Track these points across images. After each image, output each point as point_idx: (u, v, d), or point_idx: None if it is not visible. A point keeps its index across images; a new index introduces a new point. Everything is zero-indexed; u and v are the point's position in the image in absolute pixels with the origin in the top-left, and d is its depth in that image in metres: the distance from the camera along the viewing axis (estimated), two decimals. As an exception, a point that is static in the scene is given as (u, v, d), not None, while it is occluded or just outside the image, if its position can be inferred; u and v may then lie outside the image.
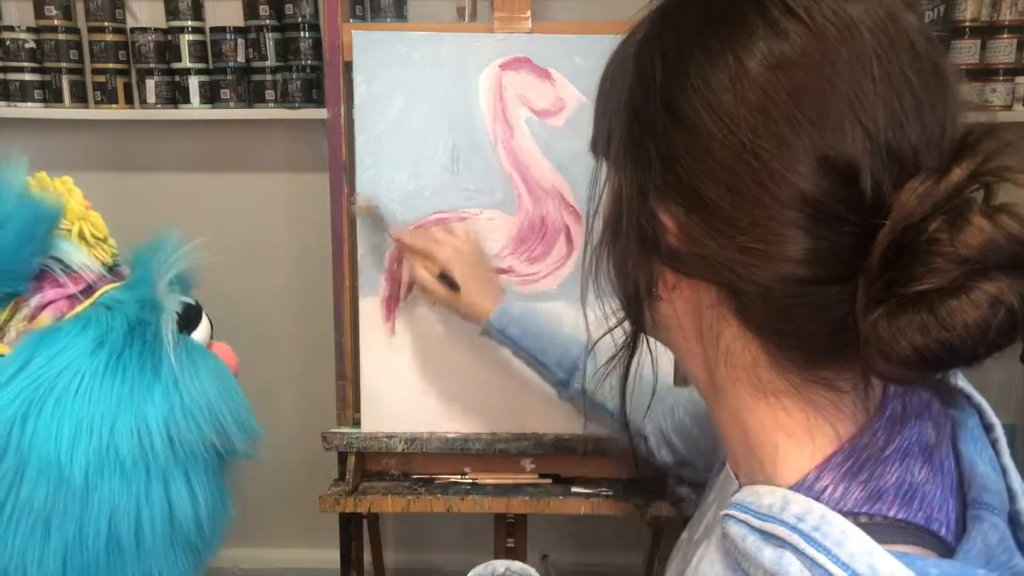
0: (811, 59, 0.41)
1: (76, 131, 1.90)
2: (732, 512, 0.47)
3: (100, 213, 0.69)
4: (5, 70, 1.85)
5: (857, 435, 0.46)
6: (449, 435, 1.35)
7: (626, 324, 0.55)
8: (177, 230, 0.70)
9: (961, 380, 0.51)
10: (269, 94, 1.85)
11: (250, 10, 1.83)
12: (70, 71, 1.85)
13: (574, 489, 1.37)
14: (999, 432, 0.51)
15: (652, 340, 0.56)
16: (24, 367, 0.58)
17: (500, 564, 0.81)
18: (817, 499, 0.44)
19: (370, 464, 1.41)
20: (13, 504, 0.57)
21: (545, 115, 1.29)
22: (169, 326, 0.64)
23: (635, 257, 0.49)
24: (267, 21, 1.82)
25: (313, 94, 1.84)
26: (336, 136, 1.31)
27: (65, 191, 0.67)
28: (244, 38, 1.84)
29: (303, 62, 1.82)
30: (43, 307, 0.62)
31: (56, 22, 1.83)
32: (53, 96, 1.86)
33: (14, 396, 0.57)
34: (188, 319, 0.69)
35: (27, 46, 1.84)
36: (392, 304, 1.33)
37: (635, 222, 0.47)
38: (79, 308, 0.62)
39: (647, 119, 0.46)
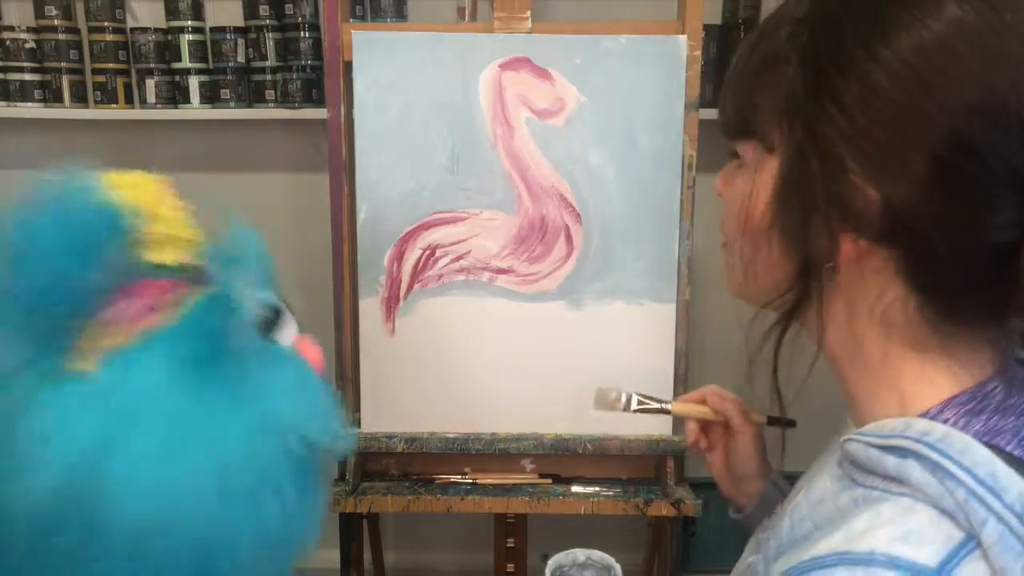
0: (1000, 31, 0.44)
1: (76, 131, 1.90)
2: (852, 436, 0.50)
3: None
4: (5, 70, 1.85)
5: (980, 385, 0.49)
6: (449, 435, 1.35)
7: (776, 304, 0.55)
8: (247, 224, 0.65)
9: None
10: (269, 94, 1.85)
11: (250, 10, 1.82)
12: (70, 71, 1.85)
13: (574, 489, 1.37)
14: None
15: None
16: (99, 396, 0.54)
17: (581, 553, 0.81)
18: None
19: (370, 464, 1.41)
20: (98, 534, 0.54)
21: (545, 115, 1.29)
22: (250, 335, 0.60)
23: (817, 227, 0.49)
24: (267, 21, 1.82)
25: (313, 94, 1.83)
26: (336, 136, 1.31)
27: (150, 192, 0.62)
28: (244, 38, 1.84)
29: (303, 62, 1.82)
30: (120, 322, 0.57)
31: (56, 22, 1.83)
32: (53, 96, 1.85)
33: (90, 428, 0.54)
34: (271, 322, 0.65)
35: (27, 46, 1.84)
36: (392, 304, 1.33)
37: (824, 192, 0.48)
38: (157, 322, 0.58)
39: (837, 94, 0.47)
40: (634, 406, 0.79)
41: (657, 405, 0.81)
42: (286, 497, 0.61)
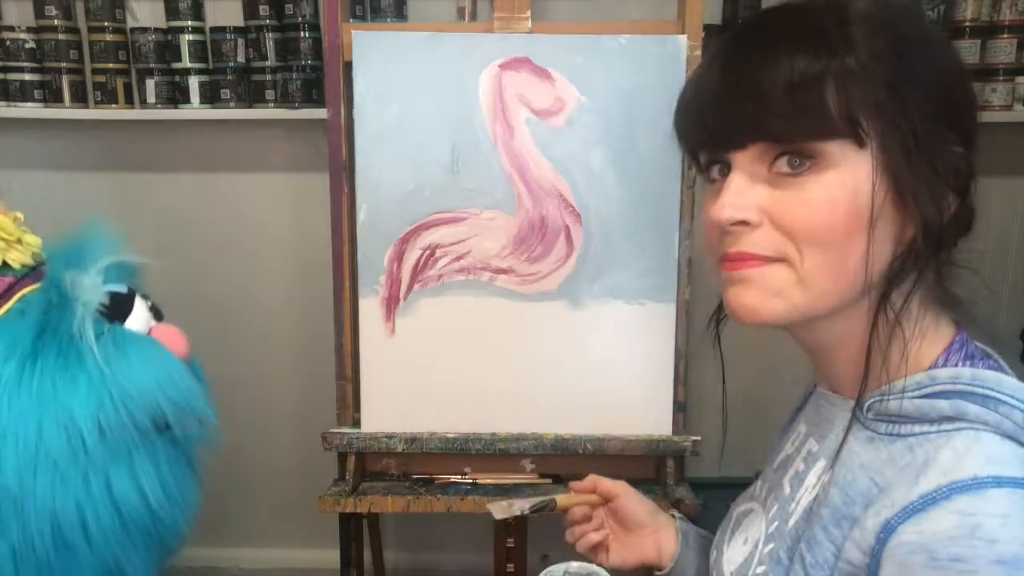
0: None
1: (76, 131, 1.90)
2: (883, 397, 0.56)
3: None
4: (5, 70, 1.84)
5: (955, 337, 0.58)
6: (449, 435, 1.35)
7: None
8: (108, 224, 0.70)
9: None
10: (269, 94, 1.85)
11: (250, 10, 1.82)
12: (70, 71, 1.85)
13: (574, 489, 1.37)
14: None
15: None
16: None
17: (559, 568, 0.81)
18: None
19: (370, 464, 1.41)
20: None
21: (545, 115, 1.29)
22: (88, 319, 0.64)
23: (939, 188, 0.55)
24: (267, 21, 1.82)
25: (313, 94, 1.83)
26: (336, 136, 1.31)
27: None
28: (244, 38, 1.84)
29: (303, 62, 1.82)
30: None
31: (56, 22, 1.83)
32: (53, 96, 1.85)
33: None
34: (117, 308, 0.69)
35: (27, 46, 1.84)
36: (392, 304, 1.33)
37: (945, 160, 0.55)
38: None
39: (928, 88, 0.55)
40: (527, 509, 0.86)
41: (544, 502, 0.88)
42: (140, 475, 0.64)
